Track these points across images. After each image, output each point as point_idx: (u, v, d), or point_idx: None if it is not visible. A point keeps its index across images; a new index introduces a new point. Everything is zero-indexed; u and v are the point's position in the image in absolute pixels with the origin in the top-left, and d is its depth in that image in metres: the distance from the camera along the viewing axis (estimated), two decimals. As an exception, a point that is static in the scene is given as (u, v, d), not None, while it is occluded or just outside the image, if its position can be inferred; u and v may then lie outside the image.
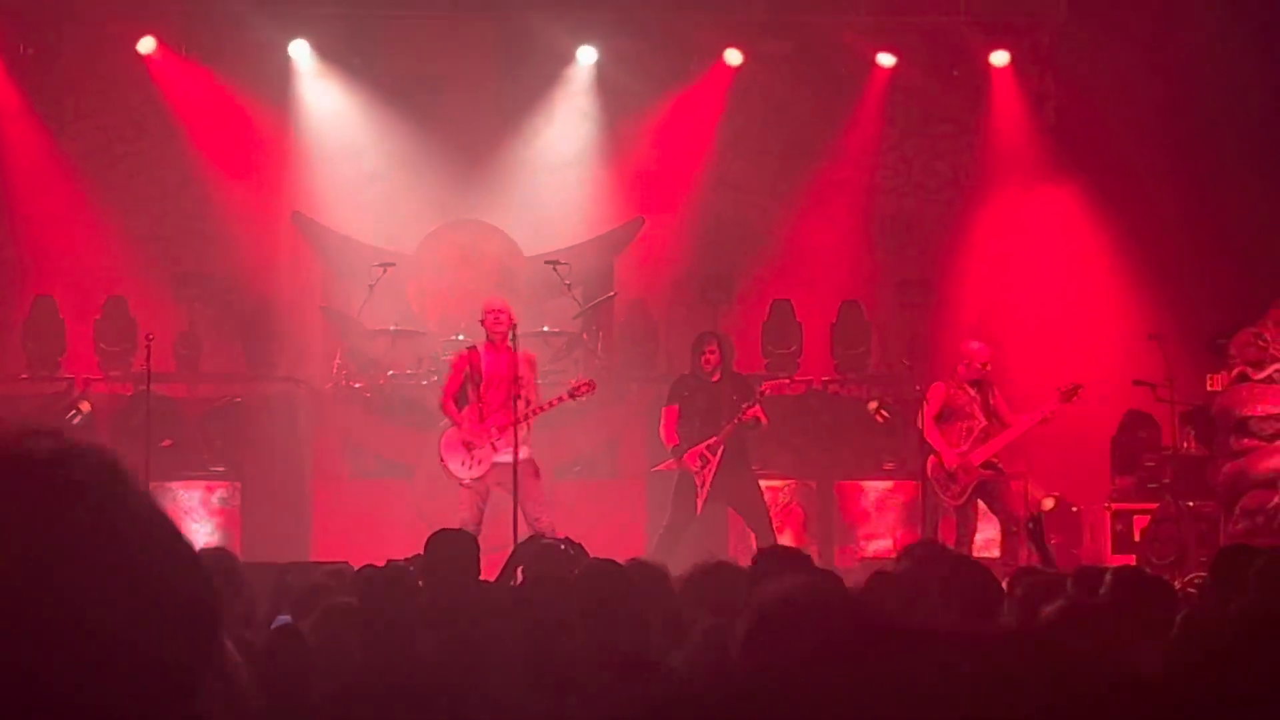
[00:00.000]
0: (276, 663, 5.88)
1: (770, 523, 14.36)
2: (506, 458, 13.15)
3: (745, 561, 8.13)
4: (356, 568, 8.05)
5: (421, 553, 7.85)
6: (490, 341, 13.61)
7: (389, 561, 7.64)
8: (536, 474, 13.43)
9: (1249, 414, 14.53)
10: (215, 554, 7.55)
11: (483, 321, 13.73)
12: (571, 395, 13.64)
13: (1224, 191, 16.92)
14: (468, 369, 13.59)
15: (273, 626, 7.81)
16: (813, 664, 1.56)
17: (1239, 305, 15.49)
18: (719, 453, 14.10)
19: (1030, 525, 13.23)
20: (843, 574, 12.08)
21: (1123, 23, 17.02)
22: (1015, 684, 1.53)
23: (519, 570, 8.59)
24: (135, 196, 17.26)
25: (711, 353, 14.48)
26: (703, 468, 14.11)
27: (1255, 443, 14.51)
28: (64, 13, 16.75)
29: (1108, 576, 6.73)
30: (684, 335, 16.88)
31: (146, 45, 16.88)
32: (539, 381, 13.96)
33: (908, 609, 6.70)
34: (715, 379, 14.41)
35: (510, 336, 13.47)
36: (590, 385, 13.71)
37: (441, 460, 13.67)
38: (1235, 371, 14.61)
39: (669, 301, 17.63)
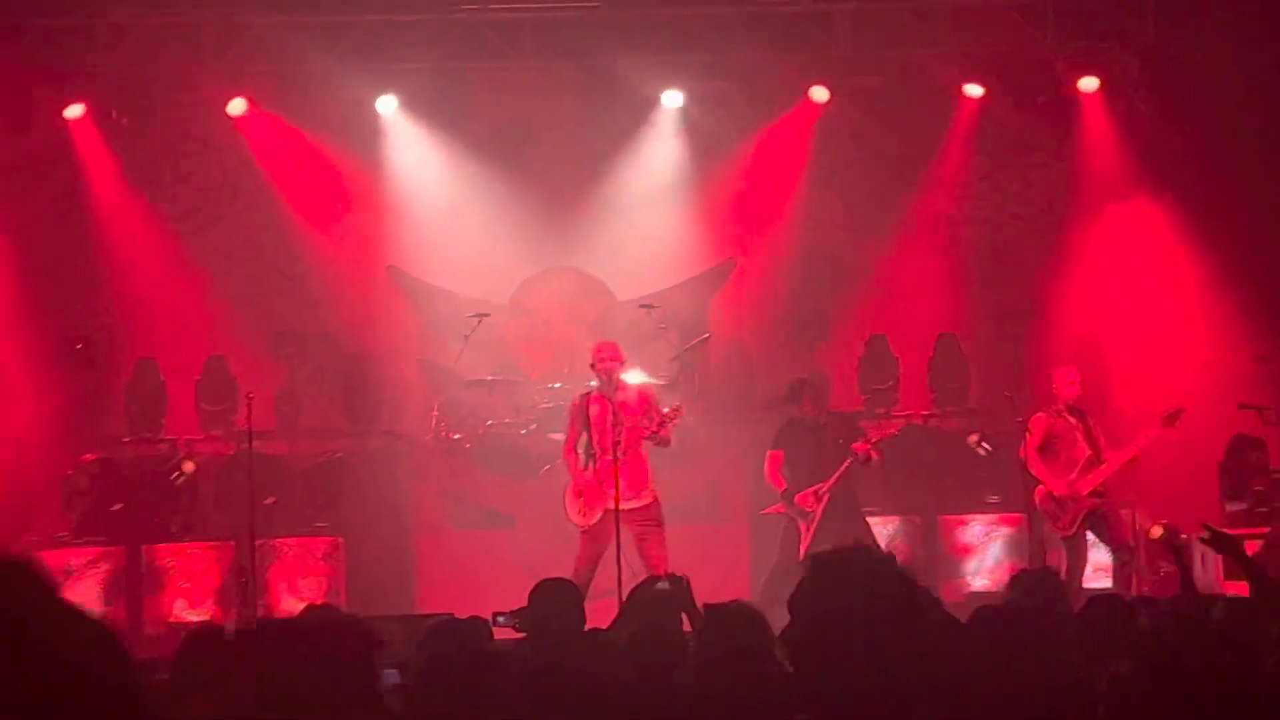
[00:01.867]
0: None
1: None
2: (627, 503, 13.08)
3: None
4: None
5: (526, 604, 7.82)
6: (601, 386, 13.50)
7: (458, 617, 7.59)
8: (657, 520, 13.25)
9: (1358, 435, 14.31)
10: (320, 611, 7.55)
11: (592, 365, 13.61)
12: (660, 426, 13.30)
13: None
14: (580, 416, 13.48)
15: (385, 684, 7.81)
16: None
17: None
18: (825, 497, 14.00)
19: (1174, 552, 13.10)
20: (950, 609, 11.98)
21: (1212, 42, 16.83)
22: None
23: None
24: (231, 257, 17.43)
25: (809, 402, 14.43)
26: (815, 510, 14.03)
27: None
28: (155, 79, 16.93)
29: (1219, 606, 6.61)
30: (781, 375, 16.82)
31: (237, 107, 17.04)
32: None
33: (1020, 643, 6.59)
34: (819, 422, 14.35)
35: (612, 378, 13.34)
36: (678, 410, 13.46)
37: (564, 507, 13.61)
38: (1343, 392, 14.40)
39: (764, 341, 17.59)
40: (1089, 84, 17.56)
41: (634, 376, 15.44)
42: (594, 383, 13.67)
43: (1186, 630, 5.48)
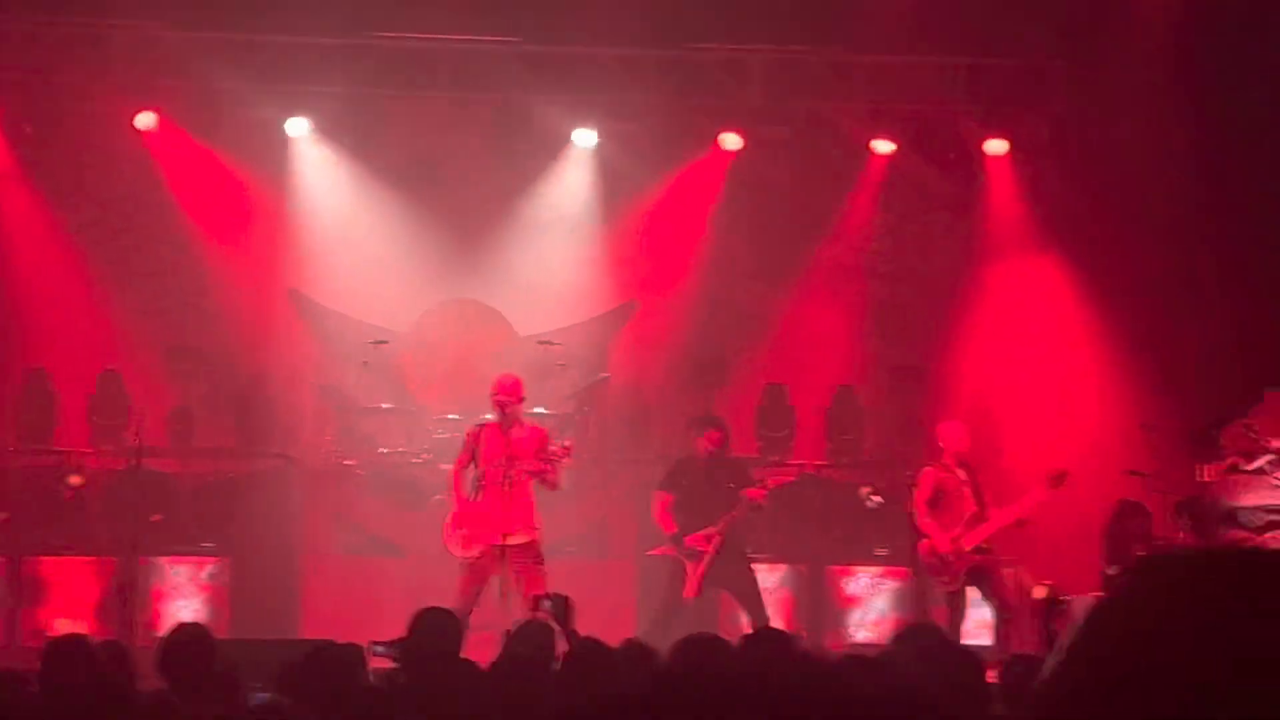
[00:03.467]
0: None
1: (764, 608, 14.28)
2: (511, 539, 12.97)
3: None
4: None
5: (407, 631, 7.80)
6: (497, 419, 13.39)
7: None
8: (536, 558, 13.15)
9: (1239, 504, 14.45)
10: (190, 629, 7.53)
11: (491, 397, 13.50)
12: (547, 462, 13.05)
13: (1219, 282, 16.99)
14: (472, 446, 13.39)
15: (253, 704, 7.77)
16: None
17: (1231, 396, 15.50)
18: (716, 539, 14.02)
19: (1044, 612, 13.28)
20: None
21: (1121, 113, 17.10)
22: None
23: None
24: (131, 271, 17.29)
25: (711, 438, 14.41)
26: (705, 551, 14.02)
27: (1245, 534, 14.43)
28: (64, 89, 16.81)
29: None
30: (677, 418, 16.88)
31: (145, 121, 16.94)
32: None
33: (889, 693, 6.63)
34: (710, 464, 14.34)
35: (505, 412, 13.27)
36: (568, 449, 13.39)
37: (444, 538, 13.51)
38: (1227, 462, 14.57)
39: (662, 384, 17.64)
40: (997, 147, 17.78)
41: (531, 412, 15.45)
42: (489, 415, 13.63)
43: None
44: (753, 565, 14.60)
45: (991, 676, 7.39)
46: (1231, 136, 16.95)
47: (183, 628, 7.63)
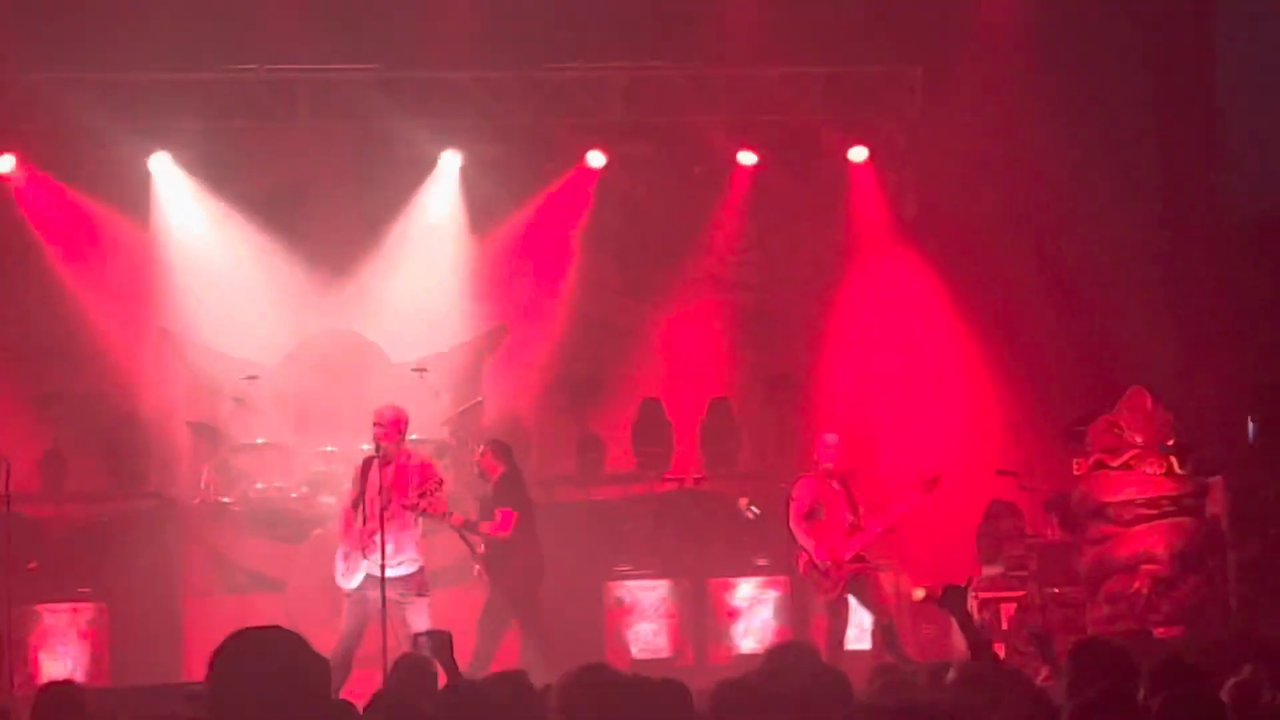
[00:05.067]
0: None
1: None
2: (390, 570, 12.91)
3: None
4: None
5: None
6: (375, 452, 13.35)
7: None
8: (418, 589, 13.12)
9: (1107, 500, 14.73)
10: (56, 690, 7.50)
11: (374, 428, 13.45)
12: (421, 496, 12.96)
13: (1081, 281, 17.27)
14: (356, 477, 13.34)
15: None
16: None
17: (1096, 393, 15.76)
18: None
19: (883, 633, 13.51)
20: (716, 671, 12.13)
21: (976, 116, 17.32)
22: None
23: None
24: (-5, 316, 17.08)
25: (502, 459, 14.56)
26: None
27: (1115, 529, 14.71)
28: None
29: (951, 671, 6.83)
30: (554, 438, 16.96)
31: (5, 164, 16.78)
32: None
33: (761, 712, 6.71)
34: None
35: (384, 445, 13.22)
36: (439, 483, 13.34)
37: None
38: (1093, 459, 14.83)
39: (538, 404, 17.67)
40: (858, 154, 17.98)
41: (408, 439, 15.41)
42: (365, 446, 13.59)
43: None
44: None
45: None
46: (1087, 134, 17.25)
47: (50, 687, 7.59)
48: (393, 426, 13.22)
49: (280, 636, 4.15)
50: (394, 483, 13.06)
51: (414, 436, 15.52)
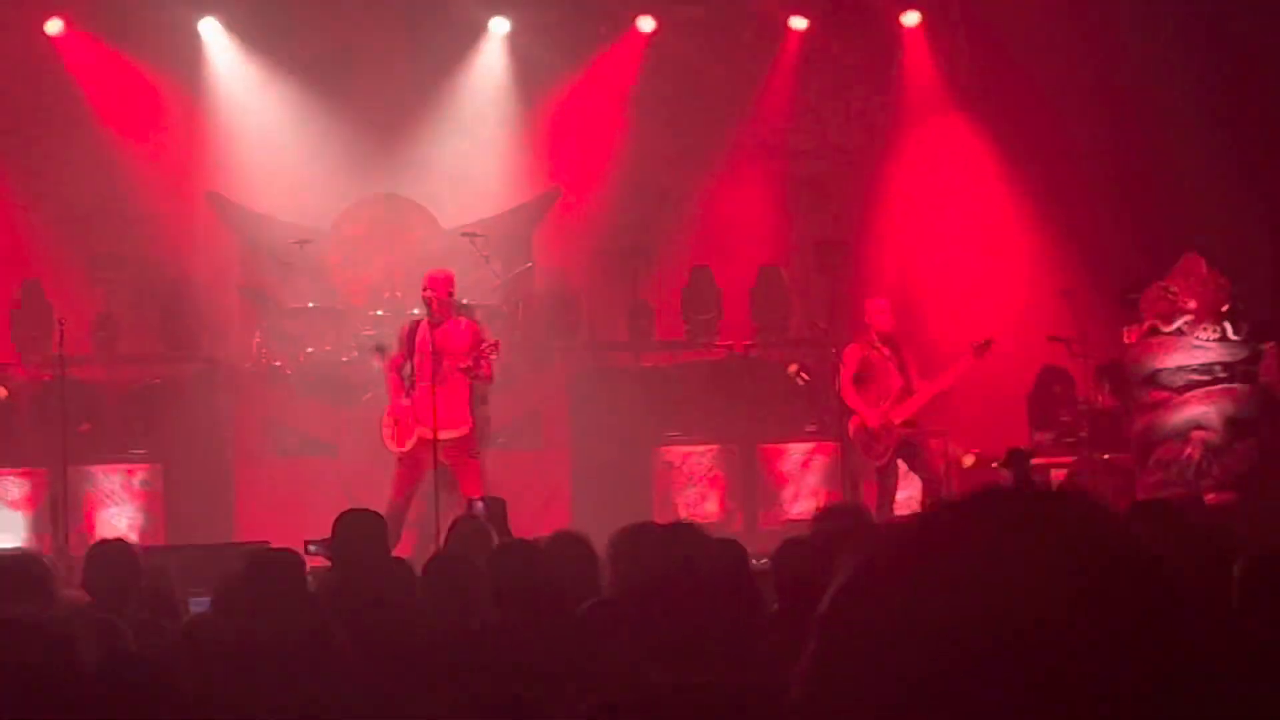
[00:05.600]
0: (195, 646, 5.91)
1: None
2: (443, 434, 12.98)
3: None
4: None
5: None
6: (427, 314, 13.40)
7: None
8: (470, 451, 13.22)
9: (1159, 367, 14.69)
10: (110, 546, 7.57)
11: (423, 292, 13.47)
12: (477, 361, 13.05)
13: (1135, 146, 17.10)
14: (410, 341, 13.37)
15: (192, 610, 7.83)
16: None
17: (1150, 258, 15.65)
18: None
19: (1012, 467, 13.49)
20: (767, 536, 12.18)
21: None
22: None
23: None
24: (47, 179, 17.09)
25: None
26: None
27: (1166, 395, 14.67)
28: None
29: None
30: (605, 304, 16.95)
31: (54, 27, 16.74)
32: None
33: (821, 574, 6.72)
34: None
35: (434, 308, 13.25)
36: (495, 345, 13.33)
37: (381, 434, 13.55)
38: (1145, 325, 14.76)
39: (589, 270, 17.65)
40: (911, 19, 17.81)
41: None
42: (416, 311, 13.61)
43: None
44: None
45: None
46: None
47: (103, 544, 7.67)
48: (443, 288, 13.25)
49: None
50: (445, 344, 13.10)
51: (464, 301, 15.58)
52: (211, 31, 17.10)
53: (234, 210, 17.31)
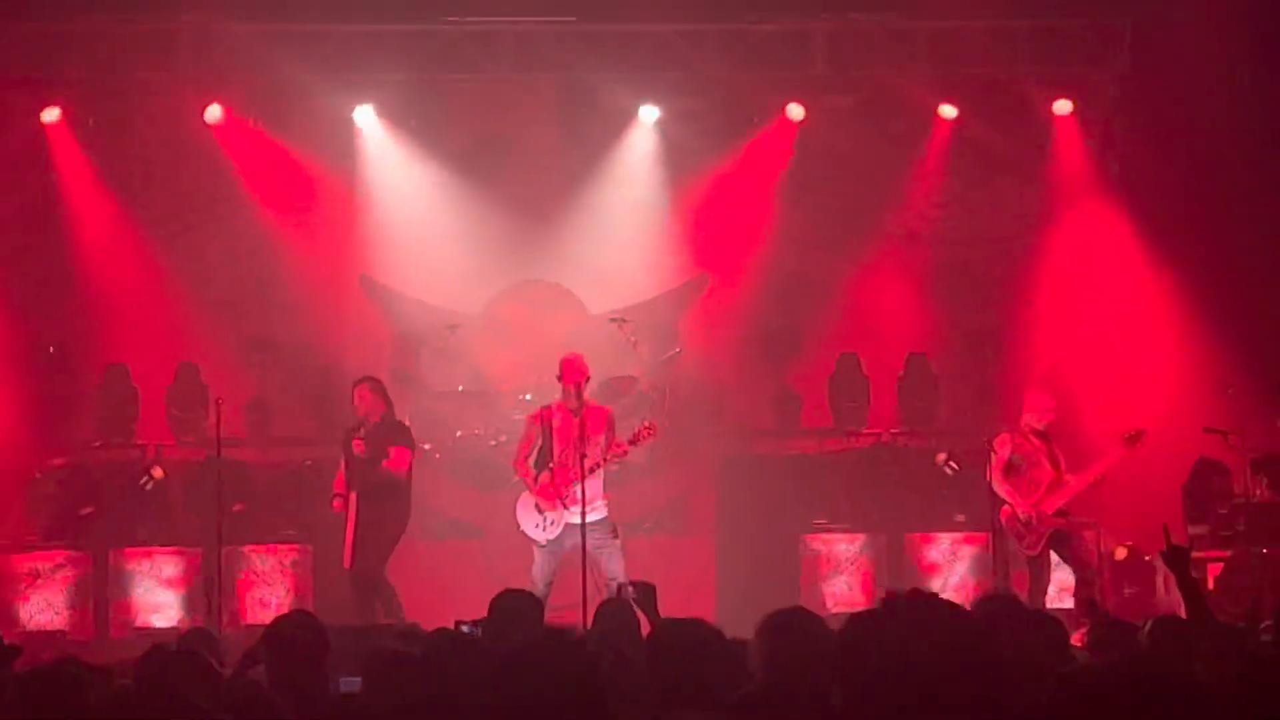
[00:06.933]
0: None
1: None
2: (587, 517, 13.06)
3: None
4: (427, 630, 8.07)
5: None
6: (564, 399, 13.55)
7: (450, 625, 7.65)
8: (613, 532, 13.34)
9: (1319, 460, 14.41)
10: (300, 617, 7.58)
11: (558, 378, 13.64)
12: (633, 442, 13.36)
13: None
14: (540, 428, 13.56)
15: (341, 690, 7.85)
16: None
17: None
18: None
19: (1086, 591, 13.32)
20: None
21: (1186, 69, 16.93)
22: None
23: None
24: (205, 264, 17.43)
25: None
26: None
27: (1326, 490, 14.39)
28: (131, 84, 16.96)
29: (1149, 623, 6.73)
30: (752, 391, 16.91)
31: (214, 114, 17.08)
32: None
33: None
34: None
35: (577, 392, 13.39)
36: (652, 428, 13.52)
37: (516, 521, 13.67)
38: (1305, 419, 14.50)
39: (736, 357, 17.64)
40: (1063, 107, 17.69)
41: (604, 388, 15.51)
42: (528, 397, 13.73)
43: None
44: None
45: (1075, 640, 7.40)
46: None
47: (293, 615, 7.71)
48: (582, 372, 13.39)
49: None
50: (590, 429, 13.19)
51: (610, 378, 15.61)
52: (366, 119, 17.36)
53: (386, 294, 17.52)
